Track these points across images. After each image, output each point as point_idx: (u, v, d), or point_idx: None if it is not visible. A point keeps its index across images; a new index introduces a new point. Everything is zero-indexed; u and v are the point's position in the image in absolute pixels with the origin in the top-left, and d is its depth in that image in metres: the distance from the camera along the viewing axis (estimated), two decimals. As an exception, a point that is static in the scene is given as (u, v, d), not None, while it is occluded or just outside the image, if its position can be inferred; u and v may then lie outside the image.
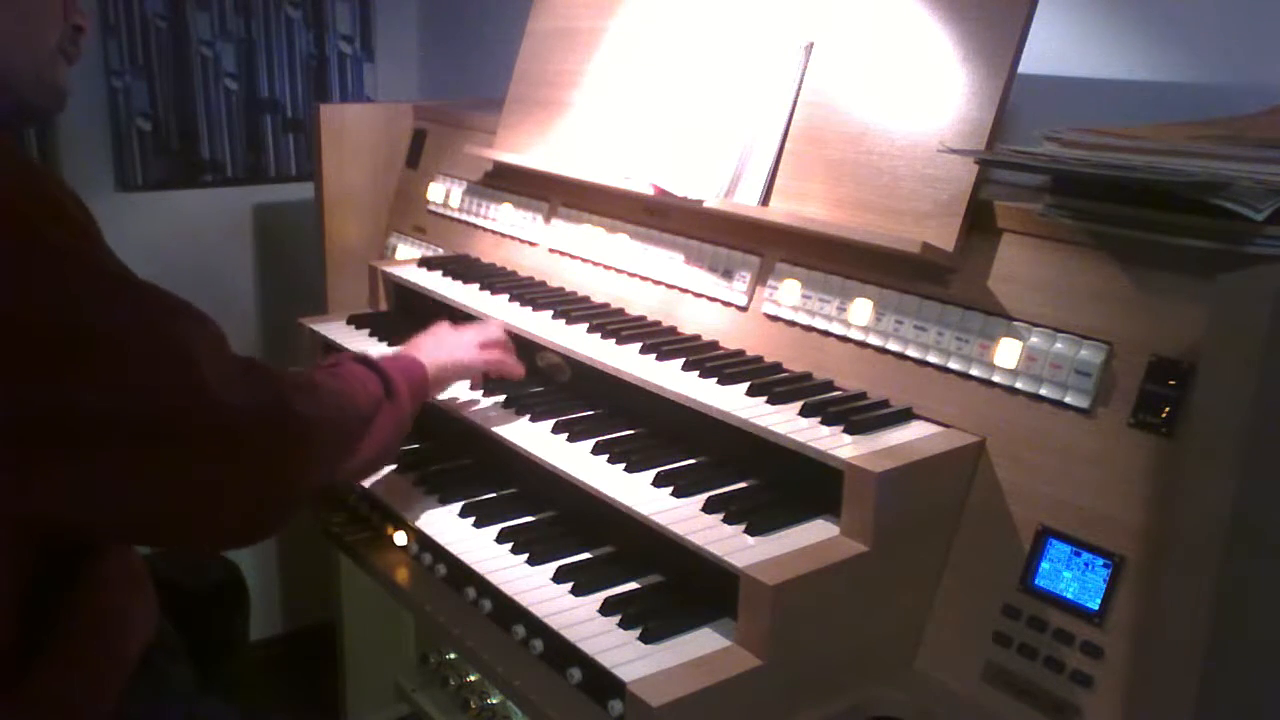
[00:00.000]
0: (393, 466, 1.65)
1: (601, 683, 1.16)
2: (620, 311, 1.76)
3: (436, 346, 1.54)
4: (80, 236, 1.00)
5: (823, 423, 1.32)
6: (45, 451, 0.96)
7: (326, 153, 2.32)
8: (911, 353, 1.38)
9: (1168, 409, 1.15)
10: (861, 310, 1.44)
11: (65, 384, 0.95)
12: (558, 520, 1.50)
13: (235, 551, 1.77)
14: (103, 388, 0.96)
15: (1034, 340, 1.26)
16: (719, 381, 1.44)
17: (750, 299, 1.60)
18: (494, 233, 2.10)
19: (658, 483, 1.36)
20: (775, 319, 1.55)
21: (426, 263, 2.03)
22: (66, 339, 0.95)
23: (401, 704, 2.27)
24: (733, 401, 1.38)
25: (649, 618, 1.23)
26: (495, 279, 1.89)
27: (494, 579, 1.34)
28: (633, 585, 1.33)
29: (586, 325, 1.65)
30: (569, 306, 1.74)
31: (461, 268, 1.98)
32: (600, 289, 1.83)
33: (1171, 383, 1.15)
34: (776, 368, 1.51)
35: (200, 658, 1.54)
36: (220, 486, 1.07)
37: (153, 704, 1.26)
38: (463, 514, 1.50)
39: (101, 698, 1.17)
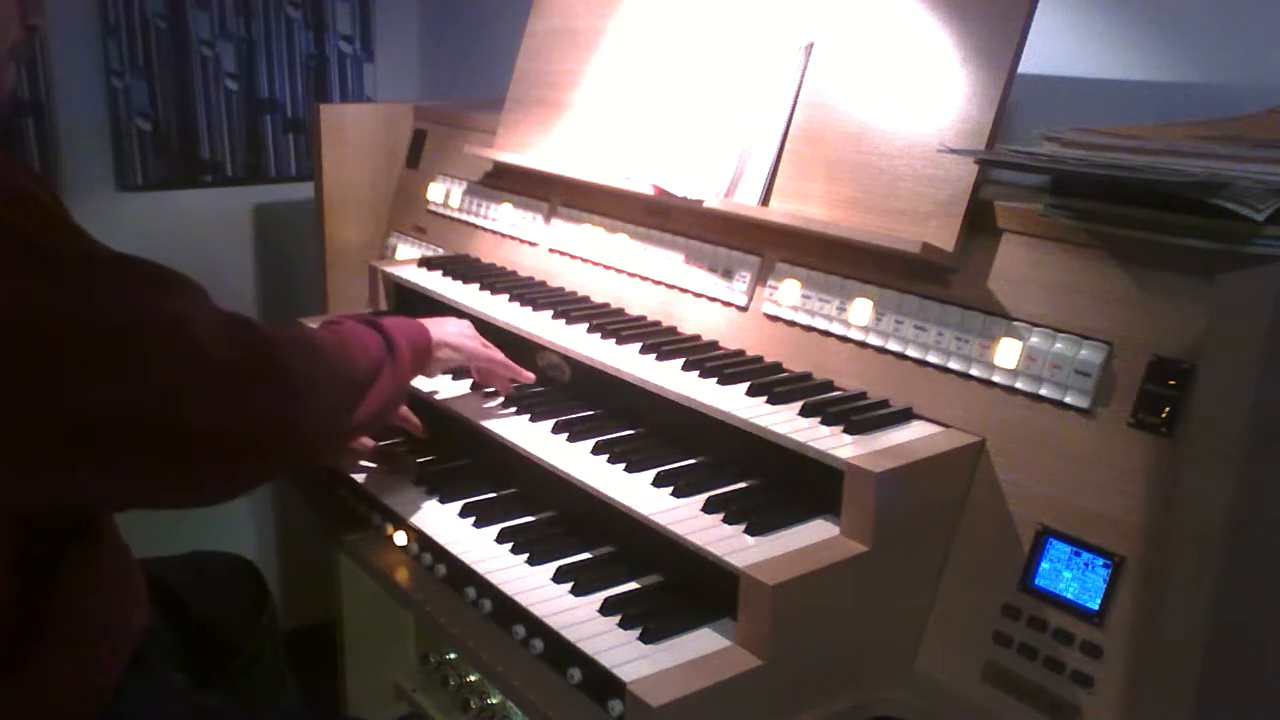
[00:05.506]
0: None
1: (601, 683, 1.16)
2: (620, 311, 1.76)
3: (441, 324, 1.59)
4: (49, 226, 0.99)
5: (823, 423, 1.32)
6: (44, 447, 0.97)
7: (326, 153, 2.32)
8: (911, 353, 1.38)
9: (1168, 409, 1.14)
10: (861, 310, 1.43)
11: (58, 381, 0.95)
12: (558, 520, 1.50)
13: (234, 549, 1.79)
14: (95, 380, 0.96)
15: (1034, 340, 1.26)
16: (719, 381, 1.44)
17: (750, 299, 1.60)
18: (494, 233, 2.10)
19: (658, 483, 1.36)
20: (775, 319, 1.55)
21: (426, 263, 2.03)
22: (51, 335, 0.94)
23: (401, 704, 2.27)
24: (733, 401, 1.38)
25: (649, 618, 1.23)
26: (495, 279, 1.89)
27: (494, 579, 1.34)
28: (633, 585, 1.33)
29: (586, 325, 1.65)
30: (569, 306, 1.74)
31: (461, 268, 1.98)
32: (600, 289, 1.83)
33: (1171, 383, 1.15)
34: (776, 368, 1.51)
35: (209, 659, 1.54)
36: (216, 439, 1.07)
37: (147, 702, 1.26)
38: (463, 514, 1.50)
39: (94, 694, 1.17)
